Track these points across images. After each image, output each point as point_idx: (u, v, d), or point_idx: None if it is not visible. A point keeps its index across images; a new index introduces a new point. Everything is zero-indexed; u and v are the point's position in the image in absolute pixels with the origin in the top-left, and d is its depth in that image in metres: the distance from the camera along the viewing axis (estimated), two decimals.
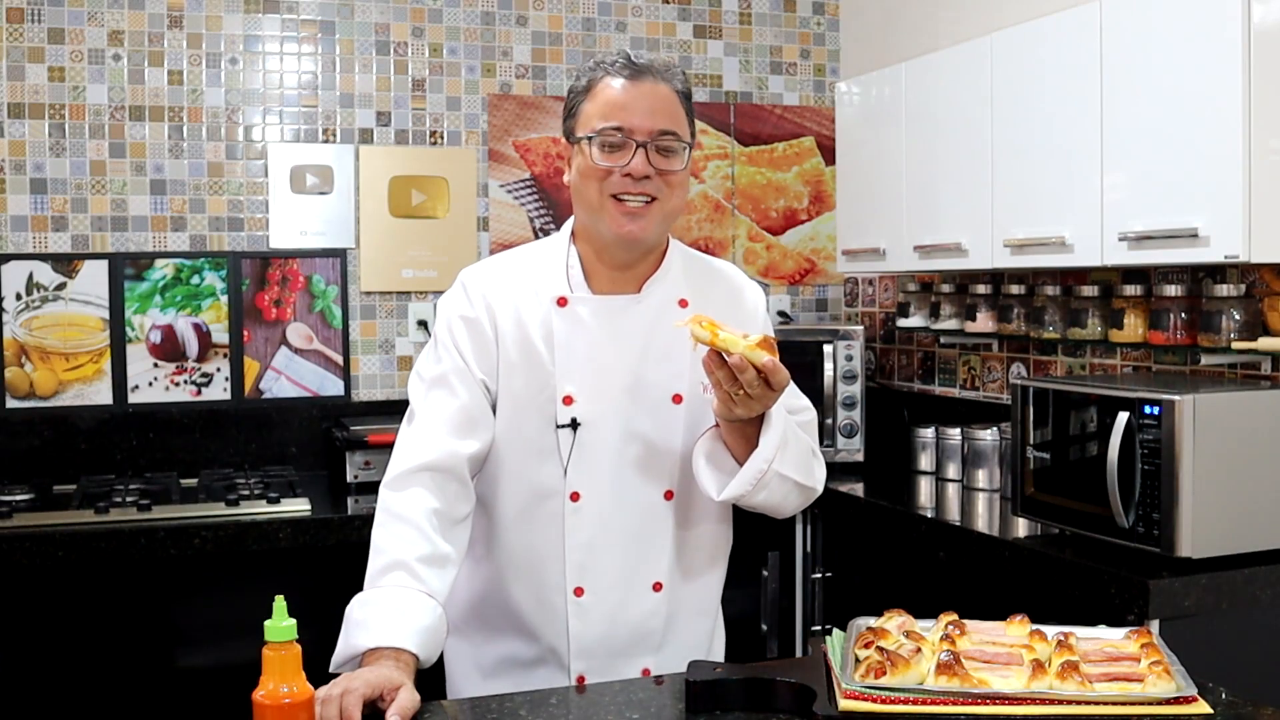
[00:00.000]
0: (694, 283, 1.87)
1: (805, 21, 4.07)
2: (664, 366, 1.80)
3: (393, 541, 1.68)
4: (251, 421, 3.48)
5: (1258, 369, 2.68)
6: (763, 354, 1.60)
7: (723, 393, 1.64)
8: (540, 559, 1.80)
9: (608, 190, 1.74)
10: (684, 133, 1.77)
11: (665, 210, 1.76)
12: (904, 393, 3.84)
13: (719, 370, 1.63)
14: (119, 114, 3.40)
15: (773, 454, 1.70)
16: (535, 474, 1.79)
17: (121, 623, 2.76)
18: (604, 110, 1.74)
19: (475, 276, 1.86)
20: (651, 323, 1.81)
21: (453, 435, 1.75)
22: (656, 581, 1.82)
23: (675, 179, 1.76)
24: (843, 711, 1.40)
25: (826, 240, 4.06)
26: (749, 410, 1.66)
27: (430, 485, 1.72)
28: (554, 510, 1.79)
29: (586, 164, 1.75)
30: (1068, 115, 2.68)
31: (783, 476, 1.73)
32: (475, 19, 3.71)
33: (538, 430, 1.78)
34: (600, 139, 1.73)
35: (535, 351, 1.78)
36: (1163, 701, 1.40)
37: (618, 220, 1.74)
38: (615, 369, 1.79)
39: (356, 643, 1.57)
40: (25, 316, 3.32)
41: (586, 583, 1.79)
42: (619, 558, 1.80)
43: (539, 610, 1.81)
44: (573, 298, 1.80)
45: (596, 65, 1.79)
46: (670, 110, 1.75)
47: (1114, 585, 2.23)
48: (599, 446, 1.78)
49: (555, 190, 3.78)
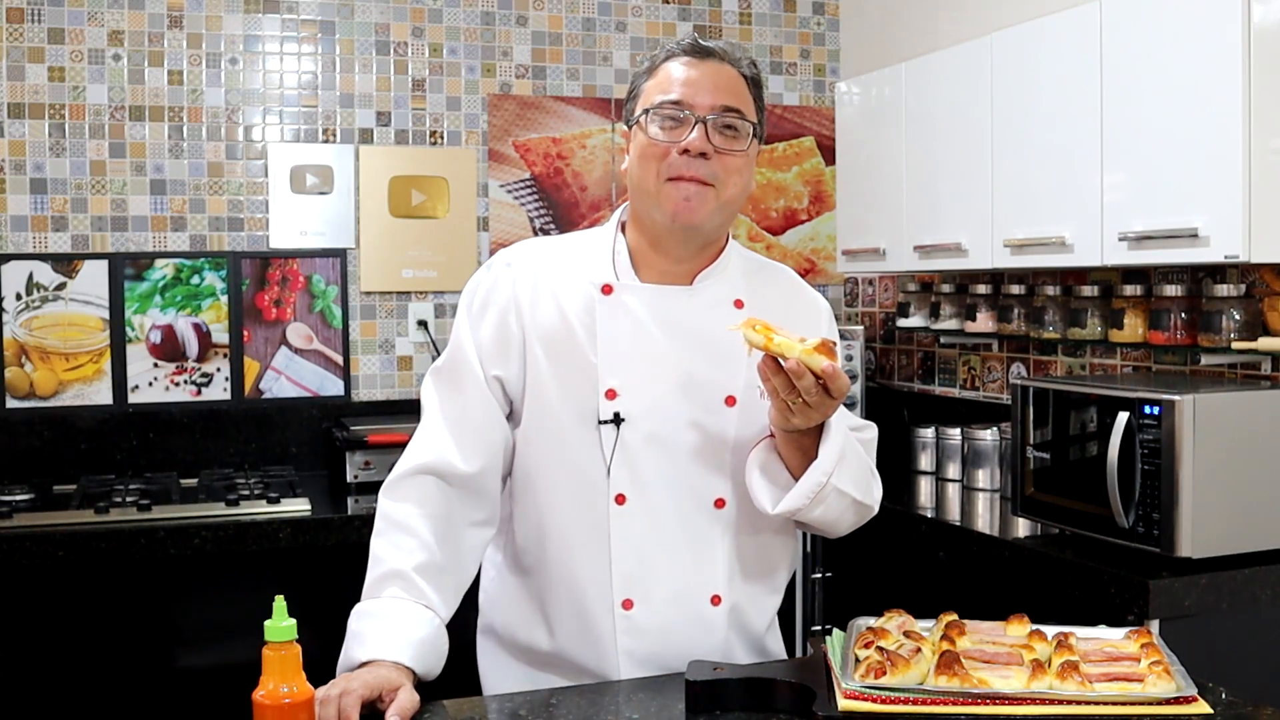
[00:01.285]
0: (751, 283, 1.75)
1: (805, 21, 4.07)
2: (717, 365, 1.68)
3: (390, 551, 1.62)
4: (251, 421, 3.48)
5: (1258, 369, 2.68)
6: (821, 359, 1.50)
7: (779, 401, 1.54)
8: (585, 569, 1.66)
9: (665, 172, 1.63)
10: (750, 113, 1.67)
11: (723, 198, 1.65)
12: (904, 393, 3.84)
13: (775, 377, 1.53)
14: (119, 114, 3.40)
15: (832, 466, 1.59)
16: (575, 474, 1.66)
17: (121, 623, 2.76)
18: (665, 86, 1.65)
19: (512, 257, 1.74)
20: (704, 317, 1.69)
21: (455, 441, 1.67)
22: (715, 595, 1.68)
23: (734, 163, 1.64)
24: (843, 711, 1.40)
25: (826, 240, 4.06)
26: (807, 420, 1.56)
27: (430, 490, 1.66)
28: (598, 514, 1.65)
29: (644, 141, 1.65)
30: (1068, 115, 2.67)
31: (840, 492, 1.62)
32: (475, 19, 3.71)
33: (577, 426, 1.66)
34: (659, 113, 1.64)
35: (576, 342, 1.67)
36: (1163, 701, 1.40)
37: (674, 202, 1.62)
38: (663, 363, 1.67)
39: (353, 656, 1.54)
40: (25, 316, 3.32)
41: (636, 594, 1.65)
42: (670, 567, 1.66)
43: (584, 625, 1.67)
44: (619, 285, 1.68)
45: (663, 48, 1.70)
46: (735, 89, 1.66)
47: (1114, 585, 2.23)
48: (644, 446, 1.65)
49: (555, 190, 3.79)
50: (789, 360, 1.50)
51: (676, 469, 1.67)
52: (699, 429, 1.67)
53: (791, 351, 1.50)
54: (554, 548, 1.69)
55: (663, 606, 1.66)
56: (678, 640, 1.67)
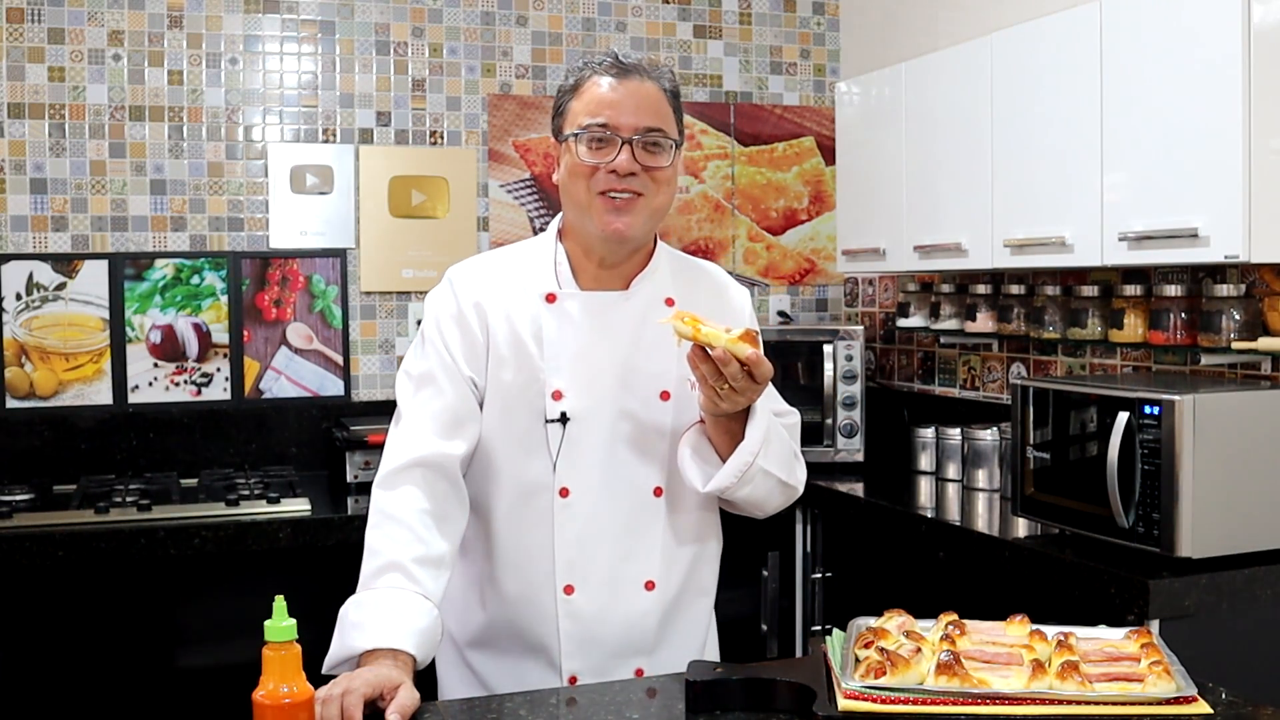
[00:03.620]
0: (680, 282, 1.88)
1: (805, 21, 4.07)
2: (652, 363, 1.81)
3: (386, 542, 1.69)
4: (251, 421, 3.48)
5: (1258, 369, 2.68)
6: (746, 347, 1.61)
7: (708, 387, 1.66)
8: (530, 556, 1.79)
9: (595, 187, 1.75)
10: (671, 130, 1.78)
11: (651, 207, 1.77)
12: (904, 393, 3.84)
13: (703, 365, 1.64)
14: (119, 114, 3.40)
15: (758, 447, 1.71)
16: (525, 470, 1.79)
17: (121, 623, 2.76)
18: (591, 107, 1.75)
19: (463, 274, 1.86)
20: (639, 319, 1.81)
21: (440, 434, 1.76)
22: (649, 580, 1.82)
23: (661, 176, 1.77)
24: (843, 711, 1.40)
25: (826, 240, 4.06)
26: (734, 404, 1.68)
27: (421, 483, 1.73)
28: (544, 507, 1.78)
29: (574, 161, 1.77)
30: (1068, 115, 2.67)
31: (766, 472, 1.75)
32: (475, 19, 3.71)
33: (527, 426, 1.78)
34: (587, 135, 1.74)
35: (524, 348, 1.79)
36: (1163, 701, 1.40)
37: (605, 217, 1.75)
38: (604, 364, 1.79)
39: (353, 644, 1.57)
40: (25, 316, 3.32)
41: (576, 580, 1.78)
42: (609, 555, 1.80)
43: (529, 608, 1.80)
44: (561, 294, 1.81)
45: (584, 64, 1.80)
46: (656, 108, 1.76)
47: (1114, 585, 2.23)
48: (588, 442, 1.78)
49: (555, 190, 3.77)
50: (716, 349, 1.62)
51: (617, 462, 1.80)
52: (637, 423, 1.81)
53: (718, 341, 1.62)
54: (501, 536, 1.81)
55: (599, 591, 1.79)
56: (615, 622, 1.80)
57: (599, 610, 1.79)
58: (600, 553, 1.79)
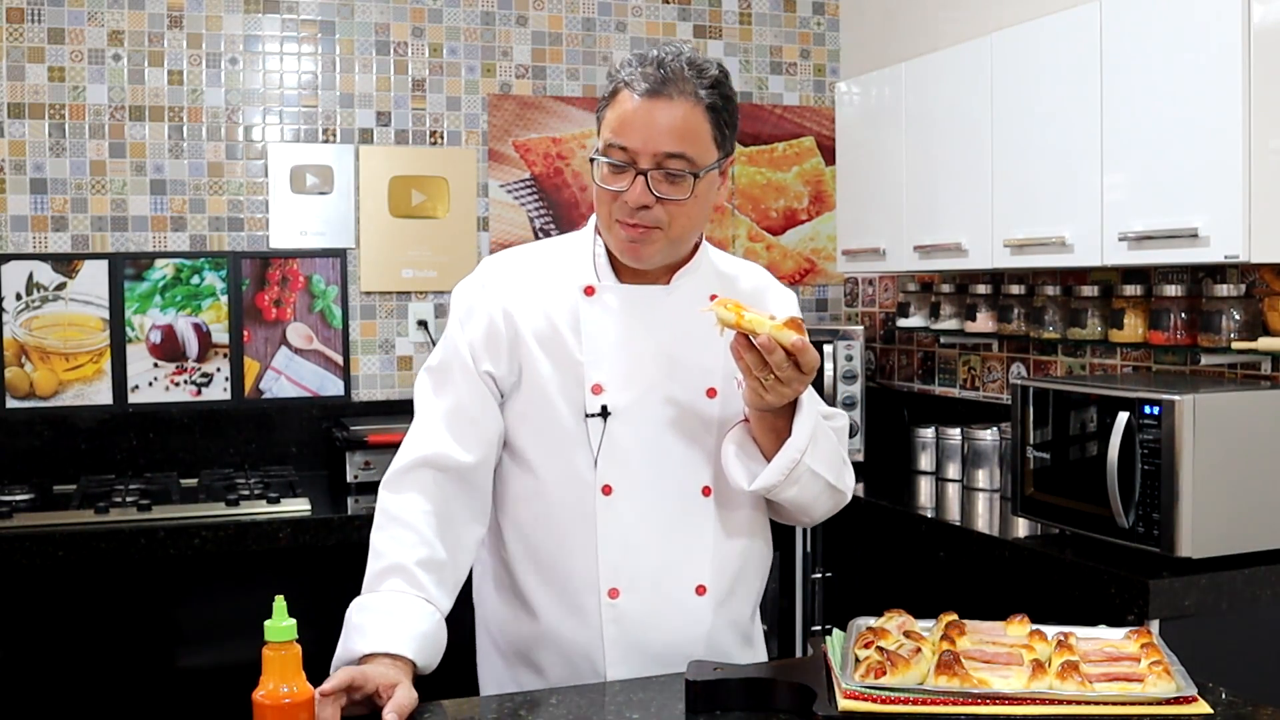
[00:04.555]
0: (725, 280, 1.82)
1: (805, 21, 4.06)
2: (697, 359, 1.74)
3: (391, 545, 1.65)
4: (251, 421, 3.48)
5: (1258, 369, 2.68)
6: (791, 334, 1.55)
7: (752, 379, 1.59)
8: (572, 558, 1.71)
9: (614, 214, 1.68)
10: (699, 154, 1.66)
11: (669, 238, 1.69)
12: (904, 393, 3.84)
13: (747, 354, 1.57)
14: (119, 114, 3.40)
15: (805, 443, 1.64)
16: (565, 466, 1.71)
17: (121, 623, 2.76)
18: (614, 126, 1.67)
19: (497, 265, 1.80)
20: (683, 314, 1.73)
21: (452, 434, 1.71)
22: (700, 584, 1.72)
23: (679, 208, 1.66)
24: (843, 711, 1.40)
25: (826, 240, 4.06)
26: (779, 396, 1.60)
27: (429, 485, 1.69)
28: (585, 506, 1.70)
29: (597, 180, 1.70)
30: (1068, 115, 2.67)
31: (814, 473, 1.67)
32: (475, 19, 3.71)
33: (566, 420, 1.71)
34: (605, 161, 1.67)
35: (562, 341, 1.72)
36: (1163, 701, 1.40)
37: (622, 243, 1.69)
38: (646, 359, 1.72)
39: (354, 648, 1.56)
40: (25, 316, 3.32)
41: (622, 584, 1.69)
42: (657, 557, 1.71)
43: (571, 614, 1.71)
44: (600, 286, 1.74)
45: (623, 67, 1.69)
46: (683, 130, 1.64)
47: (1114, 585, 2.23)
48: (631, 437, 1.70)
49: (555, 190, 3.79)
50: (760, 336, 1.55)
51: (662, 460, 1.72)
52: (682, 420, 1.73)
53: (762, 327, 1.56)
54: (541, 538, 1.73)
55: (648, 595, 1.70)
56: (663, 628, 1.71)
57: (646, 615, 1.70)
58: (647, 554, 1.71)
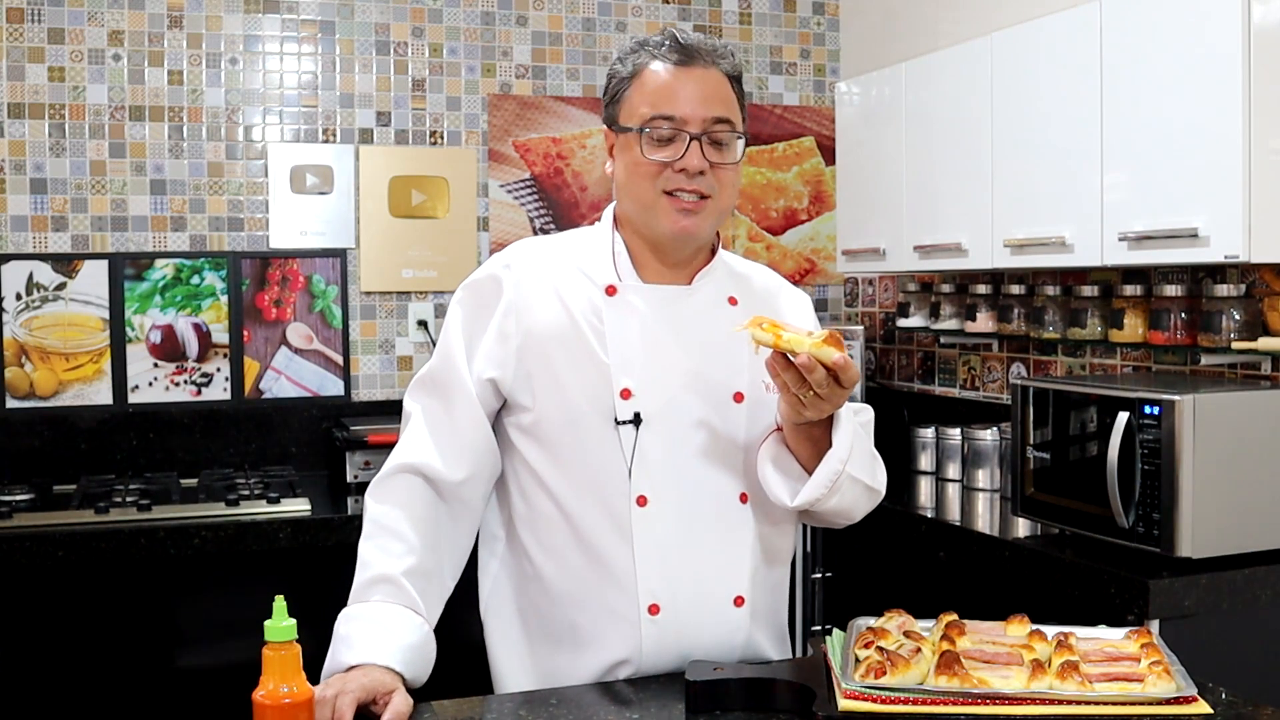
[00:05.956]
0: (739, 281, 1.77)
1: (805, 21, 4.07)
2: (723, 363, 1.68)
3: (378, 555, 1.61)
4: (251, 421, 3.48)
5: (1258, 369, 2.68)
6: (833, 351, 1.49)
7: (790, 395, 1.53)
8: (607, 573, 1.63)
9: (661, 186, 1.62)
10: (737, 120, 1.65)
11: (719, 208, 1.66)
12: (904, 393, 3.84)
13: (785, 372, 1.51)
14: (119, 114, 3.40)
15: (846, 454, 1.59)
16: (594, 476, 1.63)
17: (121, 623, 2.76)
18: (652, 99, 1.62)
19: (510, 260, 1.71)
20: (705, 316, 1.69)
21: (440, 448, 1.66)
22: (738, 595, 1.66)
23: (727, 175, 1.64)
24: (843, 711, 1.40)
25: (826, 240, 4.06)
26: (819, 412, 1.55)
27: (417, 493, 1.64)
28: (619, 518, 1.62)
29: (636, 159, 1.63)
30: (1068, 115, 2.67)
31: (854, 479, 1.63)
32: (475, 19, 3.71)
33: (595, 428, 1.63)
34: (652, 131, 1.62)
35: (584, 342, 1.65)
36: (1163, 701, 1.40)
37: (673, 217, 1.63)
38: (673, 362, 1.66)
39: (341, 659, 1.53)
40: (25, 316, 3.32)
41: (662, 600, 1.62)
42: (697, 569, 1.64)
43: (607, 633, 1.64)
44: (622, 286, 1.67)
45: (640, 47, 1.66)
46: (723, 96, 1.63)
47: (1114, 585, 2.23)
48: (662, 444, 1.63)
49: (555, 190, 3.79)
50: (800, 356, 1.49)
51: (695, 468, 1.65)
52: (712, 427, 1.66)
53: (801, 347, 1.49)
54: (568, 553, 1.65)
55: (689, 610, 1.64)
56: (704, 640, 1.65)
57: (685, 629, 1.63)
58: (687, 567, 1.63)
